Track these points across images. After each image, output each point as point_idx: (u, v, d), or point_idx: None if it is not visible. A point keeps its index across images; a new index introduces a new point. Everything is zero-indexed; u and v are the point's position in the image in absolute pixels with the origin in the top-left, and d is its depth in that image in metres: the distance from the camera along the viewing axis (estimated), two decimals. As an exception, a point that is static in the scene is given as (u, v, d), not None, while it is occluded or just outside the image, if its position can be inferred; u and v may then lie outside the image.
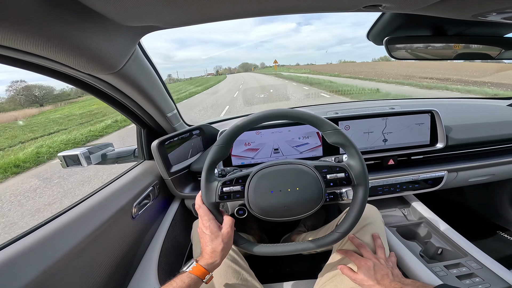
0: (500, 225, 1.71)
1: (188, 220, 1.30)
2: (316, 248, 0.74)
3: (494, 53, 0.92)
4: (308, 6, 0.59)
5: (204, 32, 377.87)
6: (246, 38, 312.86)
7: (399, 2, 0.56)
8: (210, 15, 0.61)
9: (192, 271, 0.65)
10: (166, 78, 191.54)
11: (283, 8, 0.59)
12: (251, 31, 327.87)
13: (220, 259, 0.69)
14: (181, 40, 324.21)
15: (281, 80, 30.17)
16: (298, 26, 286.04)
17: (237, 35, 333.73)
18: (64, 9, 0.46)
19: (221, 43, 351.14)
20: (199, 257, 0.69)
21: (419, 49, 0.90)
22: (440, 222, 1.12)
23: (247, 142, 1.20)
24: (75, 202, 0.84)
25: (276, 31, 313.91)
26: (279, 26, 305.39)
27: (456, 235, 1.03)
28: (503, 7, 0.54)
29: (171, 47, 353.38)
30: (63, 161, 1.08)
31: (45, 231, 0.68)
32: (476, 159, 1.30)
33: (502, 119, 1.40)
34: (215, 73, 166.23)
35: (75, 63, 0.61)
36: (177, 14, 0.58)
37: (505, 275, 0.82)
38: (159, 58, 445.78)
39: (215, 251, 0.67)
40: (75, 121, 16.02)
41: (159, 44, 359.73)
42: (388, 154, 1.25)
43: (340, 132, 0.70)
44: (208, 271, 0.67)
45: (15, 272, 0.57)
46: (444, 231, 1.07)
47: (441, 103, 1.87)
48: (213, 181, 0.72)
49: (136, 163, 1.21)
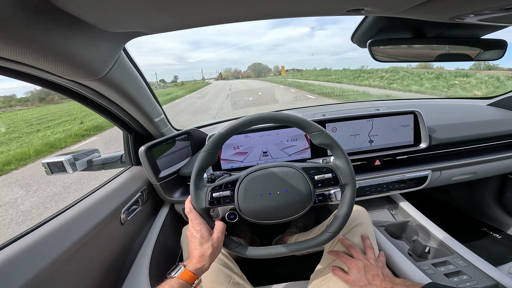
0: (484, 222, 1.77)
1: (178, 225, 1.28)
2: (309, 248, 0.74)
3: (473, 54, 0.95)
4: (293, 10, 0.60)
5: (217, 34, 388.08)
6: (259, 41, 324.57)
7: (381, 5, 0.57)
8: (195, 21, 0.61)
9: (181, 277, 0.64)
10: (172, 78, 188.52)
11: (269, 13, 0.60)
12: (264, 34, 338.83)
13: (209, 264, 0.68)
14: (195, 41, 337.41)
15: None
16: (312, 30, 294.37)
17: (250, 38, 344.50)
18: (45, 16, 0.45)
19: (234, 45, 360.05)
20: (187, 261, 0.68)
21: (401, 51, 0.93)
22: (427, 221, 1.14)
23: (236, 146, 1.20)
24: (62, 208, 0.82)
25: (289, 35, 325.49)
26: (292, 30, 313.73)
27: (442, 234, 1.05)
28: (479, 9, 0.56)
29: (185, 48, 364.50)
30: (47, 168, 1.06)
31: (33, 238, 0.67)
32: (458, 158, 1.34)
33: (482, 119, 1.44)
34: (216, 77, 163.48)
35: (58, 70, 0.60)
36: (162, 20, 0.57)
37: (492, 272, 0.84)
38: (172, 59, 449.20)
39: (203, 255, 0.67)
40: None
41: (173, 45, 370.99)
42: (374, 154, 1.27)
43: (325, 133, 0.71)
44: (197, 276, 0.66)
45: (3, 279, 0.55)
46: (431, 229, 1.09)
47: (423, 104, 1.92)
48: (202, 187, 0.71)
49: (124, 169, 1.19)
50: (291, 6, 0.57)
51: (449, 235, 1.04)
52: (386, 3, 0.56)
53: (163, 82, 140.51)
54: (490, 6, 0.54)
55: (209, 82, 76.84)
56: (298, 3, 0.55)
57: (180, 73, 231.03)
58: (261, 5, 0.55)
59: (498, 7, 0.54)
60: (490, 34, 0.89)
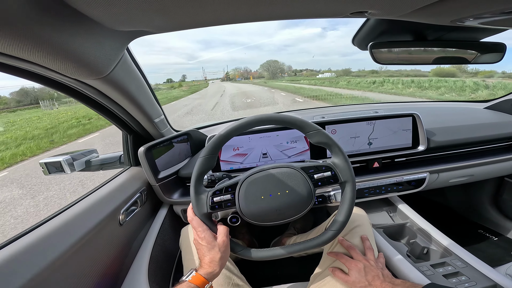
0: (480, 224, 1.78)
1: (177, 226, 1.28)
2: (313, 248, 0.74)
3: (470, 57, 0.96)
4: (298, 12, 0.60)
5: (228, 33, 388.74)
6: (269, 41, 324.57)
7: (384, 8, 0.58)
8: (201, 20, 0.61)
9: (192, 281, 0.64)
10: (180, 78, 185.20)
11: (274, 14, 0.60)
12: (274, 34, 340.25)
13: (220, 268, 0.68)
14: (206, 41, 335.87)
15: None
16: (324, 31, 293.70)
17: (260, 38, 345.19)
18: (53, 13, 0.45)
19: (244, 44, 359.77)
20: (198, 267, 0.68)
21: (401, 53, 0.94)
22: (425, 223, 1.15)
23: (236, 147, 1.20)
24: (60, 209, 0.82)
25: (300, 35, 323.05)
26: (303, 30, 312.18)
27: (440, 235, 1.06)
28: (479, 13, 0.57)
29: (196, 48, 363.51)
30: (45, 168, 1.05)
31: (30, 239, 0.66)
32: (455, 161, 1.35)
33: (479, 121, 1.46)
34: (222, 77, 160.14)
35: (62, 68, 0.60)
36: (168, 19, 0.57)
37: (490, 273, 0.85)
38: (183, 58, 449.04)
39: (213, 260, 0.67)
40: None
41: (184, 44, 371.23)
42: (373, 157, 1.28)
43: (321, 132, 0.71)
44: (208, 281, 0.66)
45: (1, 280, 0.55)
46: (429, 231, 1.10)
47: (421, 107, 1.93)
48: (202, 193, 0.71)
49: (122, 170, 1.18)
50: (295, 8, 0.57)
51: (447, 237, 1.05)
52: (389, 6, 0.57)
53: (170, 81, 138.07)
54: (491, 10, 0.55)
55: (206, 85, 73.43)
56: (302, 5, 0.56)
57: (191, 72, 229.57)
58: (265, 7, 0.55)
59: (499, 11, 0.55)
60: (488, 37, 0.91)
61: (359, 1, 0.54)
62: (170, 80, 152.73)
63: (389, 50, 0.91)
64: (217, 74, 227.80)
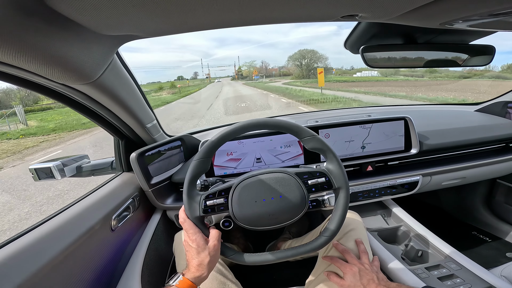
0: (474, 225, 1.79)
1: (170, 231, 1.26)
2: (306, 253, 0.74)
3: (460, 60, 0.98)
4: (288, 16, 0.60)
5: (242, 31, 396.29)
6: (284, 39, 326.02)
7: (374, 12, 0.58)
8: (191, 25, 0.60)
9: (179, 285, 0.63)
10: (192, 75, 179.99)
11: (264, 18, 0.60)
12: (289, 32, 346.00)
13: (207, 272, 0.67)
14: (221, 38, 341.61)
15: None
16: (339, 29, 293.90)
17: (275, 36, 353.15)
18: (39, 17, 0.44)
19: (259, 42, 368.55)
20: (185, 270, 0.67)
21: (392, 57, 0.94)
22: (419, 226, 1.15)
23: (229, 152, 1.19)
24: (50, 214, 0.80)
25: (315, 33, 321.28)
26: (319, 28, 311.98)
27: (434, 238, 1.06)
28: (468, 15, 0.58)
29: (211, 45, 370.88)
30: (34, 174, 1.03)
31: (21, 244, 0.65)
32: (448, 163, 1.36)
33: (470, 124, 1.48)
34: (232, 75, 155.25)
35: (49, 73, 0.59)
36: (157, 23, 0.57)
37: (484, 275, 0.85)
38: (198, 56, 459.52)
39: (201, 264, 0.66)
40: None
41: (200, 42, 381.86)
42: (367, 160, 1.28)
43: (316, 138, 0.71)
44: (195, 285, 0.65)
45: None
46: (423, 234, 1.10)
47: (413, 110, 1.95)
48: (195, 196, 0.70)
49: (114, 175, 1.17)
50: (286, 12, 0.57)
51: (440, 239, 1.05)
52: (379, 9, 0.57)
53: (181, 79, 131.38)
54: (479, 12, 0.55)
55: (203, 86, 59.88)
56: (293, 9, 0.56)
57: (204, 69, 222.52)
58: (256, 11, 0.55)
59: (487, 13, 0.55)
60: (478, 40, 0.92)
61: (349, 5, 0.54)
62: (181, 77, 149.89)
63: (380, 53, 0.91)
64: (225, 71, 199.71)
